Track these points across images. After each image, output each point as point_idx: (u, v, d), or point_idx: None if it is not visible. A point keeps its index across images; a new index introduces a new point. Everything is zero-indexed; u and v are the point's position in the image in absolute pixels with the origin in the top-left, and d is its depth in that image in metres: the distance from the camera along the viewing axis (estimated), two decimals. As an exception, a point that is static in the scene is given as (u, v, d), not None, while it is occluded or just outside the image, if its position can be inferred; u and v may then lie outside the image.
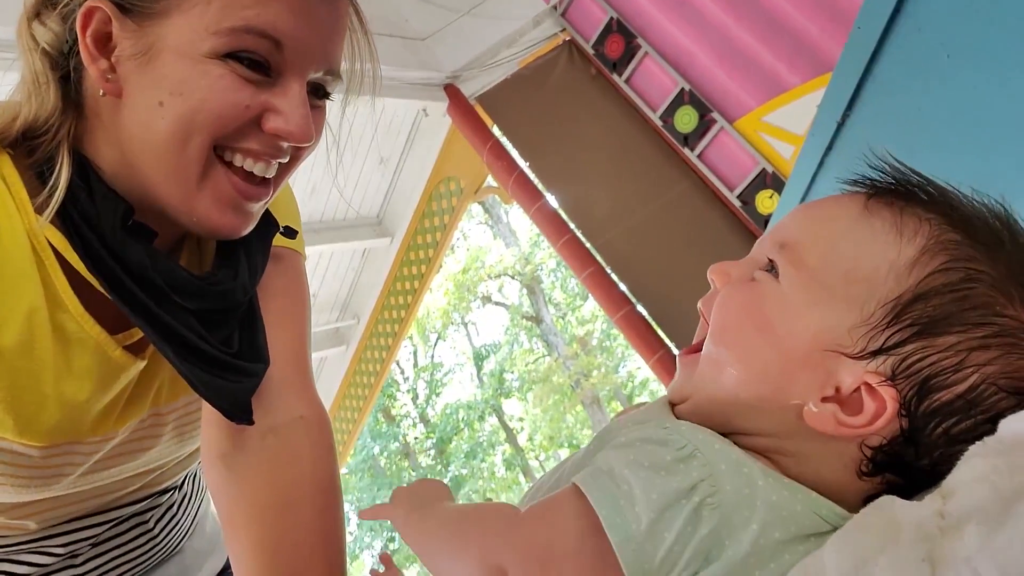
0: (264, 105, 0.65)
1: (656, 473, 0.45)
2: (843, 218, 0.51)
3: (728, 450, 0.47)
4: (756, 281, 0.53)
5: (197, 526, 1.02)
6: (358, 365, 4.61)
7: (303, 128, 0.66)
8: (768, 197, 2.73)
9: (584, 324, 13.69)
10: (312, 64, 0.66)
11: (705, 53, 2.80)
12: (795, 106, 2.60)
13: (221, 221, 0.68)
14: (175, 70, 0.62)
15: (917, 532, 0.37)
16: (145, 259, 0.66)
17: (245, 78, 0.63)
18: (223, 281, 0.72)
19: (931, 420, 0.46)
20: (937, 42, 0.82)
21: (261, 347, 0.75)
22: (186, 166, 0.65)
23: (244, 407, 0.71)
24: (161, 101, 0.63)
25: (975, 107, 0.79)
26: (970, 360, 0.45)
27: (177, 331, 0.67)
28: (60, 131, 0.66)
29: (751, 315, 0.51)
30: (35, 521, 0.80)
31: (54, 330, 0.66)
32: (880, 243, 0.48)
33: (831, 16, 2.45)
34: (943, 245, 0.47)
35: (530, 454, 14.41)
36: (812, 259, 0.50)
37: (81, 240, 0.65)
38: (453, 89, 3.40)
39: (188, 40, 0.62)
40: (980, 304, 0.45)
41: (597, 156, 3.16)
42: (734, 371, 0.51)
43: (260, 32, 0.62)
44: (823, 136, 1.06)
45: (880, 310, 0.47)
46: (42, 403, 0.67)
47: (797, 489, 0.46)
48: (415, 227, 3.97)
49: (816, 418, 0.47)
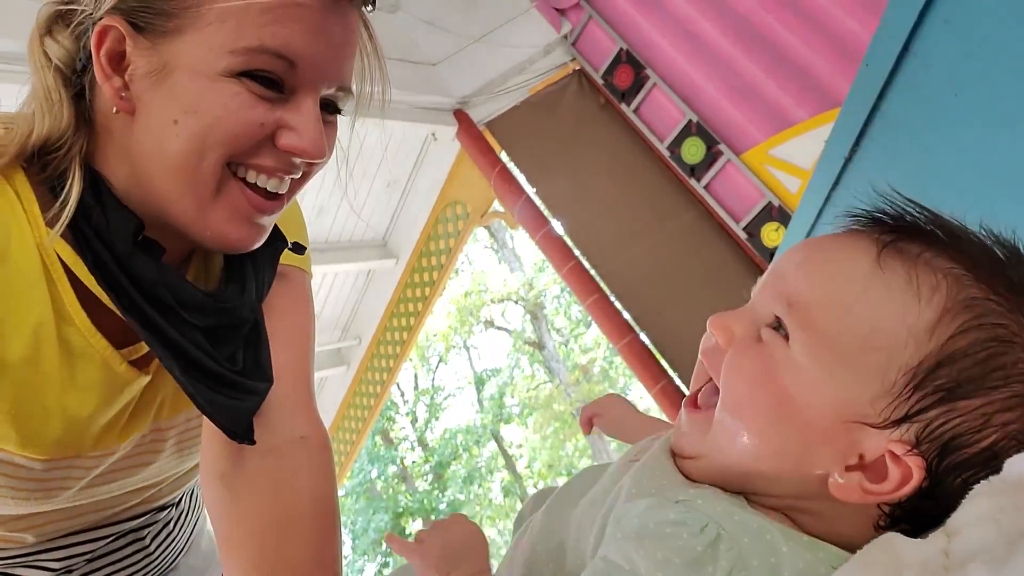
0: (278, 122, 0.65)
1: (689, 571, 0.43)
2: (855, 276, 0.47)
3: (748, 519, 0.45)
4: (765, 343, 0.50)
5: (193, 543, 1.01)
6: (358, 386, 4.60)
7: (317, 144, 0.66)
8: (774, 230, 2.74)
9: (587, 352, 13.65)
10: (325, 81, 0.67)
11: (713, 85, 2.83)
12: (802, 140, 2.62)
13: (236, 235, 0.68)
14: (189, 88, 0.63)
15: (922, 570, 0.37)
16: (155, 274, 0.66)
17: (259, 96, 0.63)
18: (231, 298, 0.72)
19: (951, 475, 0.45)
20: (945, 80, 0.82)
21: (265, 365, 0.75)
22: (201, 183, 0.65)
23: (246, 426, 0.70)
24: (176, 119, 0.63)
25: (982, 145, 0.79)
26: (993, 421, 0.44)
27: (183, 347, 0.68)
28: (73, 148, 0.66)
29: (766, 386, 0.48)
30: (33, 534, 0.79)
31: (60, 344, 0.66)
32: (897, 305, 0.45)
33: (839, 52, 2.47)
34: (963, 304, 0.45)
35: (528, 481, 14.29)
36: (825, 324, 0.47)
37: (92, 254, 0.65)
38: (462, 114, 3.43)
39: (202, 59, 0.62)
40: (1006, 363, 0.44)
41: (604, 184, 3.17)
42: (751, 444, 0.48)
43: (275, 52, 0.62)
44: (830, 171, 1.07)
45: (902, 379, 0.45)
46: (46, 417, 0.67)
47: (819, 548, 0.45)
48: (420, 250, 3.99)
49: (842, 489, 0.46)
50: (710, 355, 0.54)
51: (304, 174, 0.72)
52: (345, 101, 0.72)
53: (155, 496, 0.90)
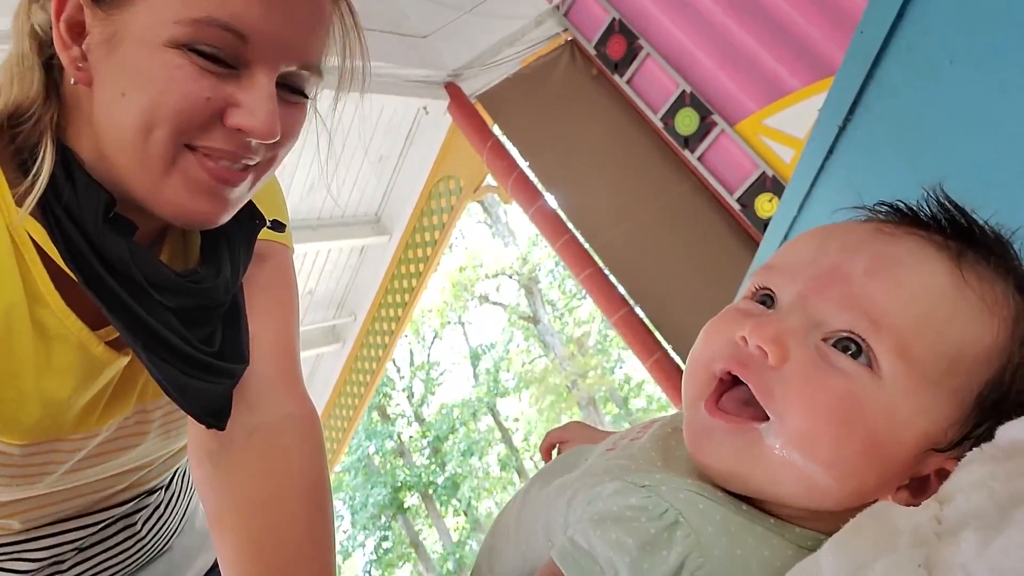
0: (227, 99, 0.62)
1: (642, 552, 0.42)
2: (939, 291, 0.43)
3: (712, 509, 0.44)
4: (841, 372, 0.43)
5: (186, 523, 1.01)
6: (354, 363, 4.61)
7: (267, 124, 0.62)
8: (767, 201, 2.73)
9: (581, 325, 13.70)
10: (283, 58, 0.63)
11: (707, 55, 2.80)
12: (796, 110, 2.60)
13: (194, 207, 0.65)
14: (135, 59, 0.60)
15: (914, 537, 0.37)
16: (125, 253, 0.64)
17: (205, 69, 0.60)
18: (204, 278, 0.70)
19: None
20: (940, 47, 0.81)
21: (243, 347, 0.73)
22: (151, 158, 0.62)
23: (217, 410, 0.69)
24: (123, 92, 0.61)
25: (977, 113, 0.79)
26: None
27: (154, 328, 0.66)
28: (43, 119, 0.64)
29: (852, 424, 0.42)
30: (19, 520, 0.79)
31: (34, 326, 0.64)
32: (977, 322, 0.43)
33: (834, 20, 2.45)
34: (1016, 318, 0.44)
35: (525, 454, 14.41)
36: (921, 351, 0.43)
37: (61, 232, 0.63)
38: (454, 87, 3.40)
39: (149, 28, 0.59)
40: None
41: (597, 157, 3.16)
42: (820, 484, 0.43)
43: (223, 24, 0.59)
44: (824, 140, 1.06)
45: (974, 399, 0.43)
46: (22, 401, 0.65)
47: (785, 529, 0.45)
48: (414, 225, 3.97)
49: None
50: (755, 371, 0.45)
51: (270, 157, 0.68)
52: (312, 82, 0.68)
53: (144, 479, 0.89)
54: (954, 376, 0.43)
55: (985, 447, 0.42)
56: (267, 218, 0.79)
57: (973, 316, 0.43)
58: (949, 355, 0.43)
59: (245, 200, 0.71)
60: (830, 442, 0.42)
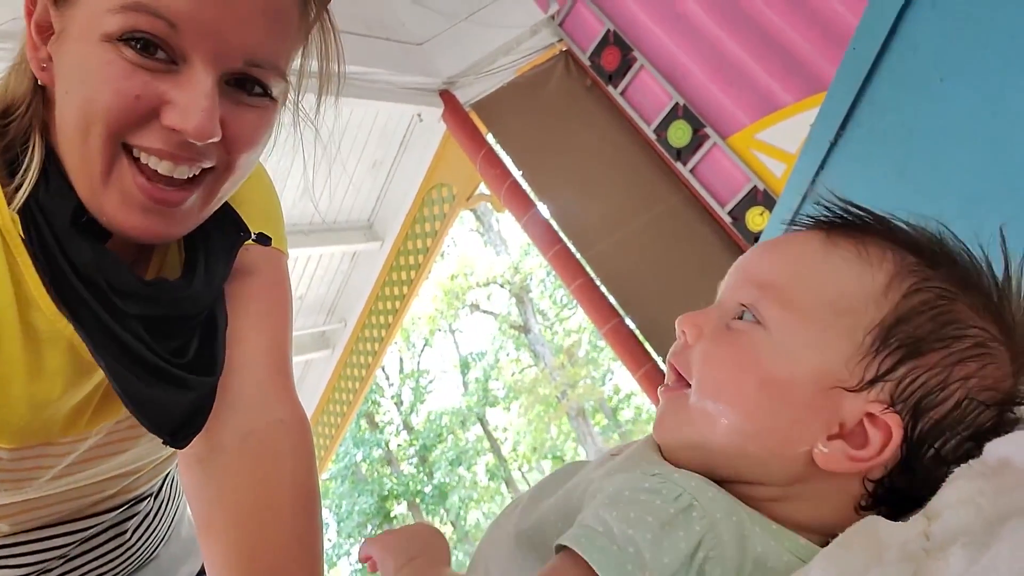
0: (161, 96, 0.58)
1: (661, 530, 0.43)
2: (813, 252, 0.51)
3: (720, 497, 0.46)
4: (736, 331, 0.52)
5: (173, 531, 1.00)
6: (343, 370, 4.59)
7: (200, 125, 0.58)
8: (759, 214, 2.75)
9: (571, 335, 13.70)
10: (223, 52, 0.59)
11: (700, 68, 2.82)
12: (788, 124, 2.62)
13: (129, 222, 0.62)
14: (74, 55, 0.59)
15: (902, 552, 0.37)
16: (90, 258, 0.62)
17: (137, 64, 0.57)
18: (174, 288, 0.68)
19: (924, 442, 0.46)
20: (931, 64, 0.82)
21: (217, 360, 0.71)
22: (90, 161, 0.60)
23: (176, 426, 0.67)
24: (67, 90, 0.59)
25: (967, 129, 0.79)
26: (953, 375, 0.46)
27: (118, 335, 0.64)
28: (28, 115, 0.63)
29: (747, 368, 0.50)
30: (7, 524, 0.78)
31: (24, 329, 0.64)
32: (853, 271, 0.49)
33: (826, 36, 2.47)
34: (909, 268, 0.49)
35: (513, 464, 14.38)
36: (799, 296, 0.50)
37: (37, 233, 0.62)
38: (448, 95, 3.40)
39: (87, 22, 0.58)
40: (954, 319, 0.47)
41: (590, 167, 3.17)
42: (735, 426, 0.49)
43: (150, 10, 0.56)
44: (816, 155, 1.07)
45: (868, 336, 0.47)
46: (11, 404, 0.64)
47: (783, 536, 0.46)
48: (406, 232, 3.97)
49: (828, 459, 0.47)
50: (679, 354, 0.54)
51: (226, 165, 0.65)
52: (271, 81, 0.64)
53: (133, 485, 0.88)
54: (839, 316, 0.48)
55: (973, 463, 0.42)
56: (256, 227, 0.77)
57: (848, 266, 0.50)
58: (828, 298, 0.49)
59: (205, 212, 0.68)
60: (730, 384, 0.50)
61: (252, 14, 0.60)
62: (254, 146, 0.66)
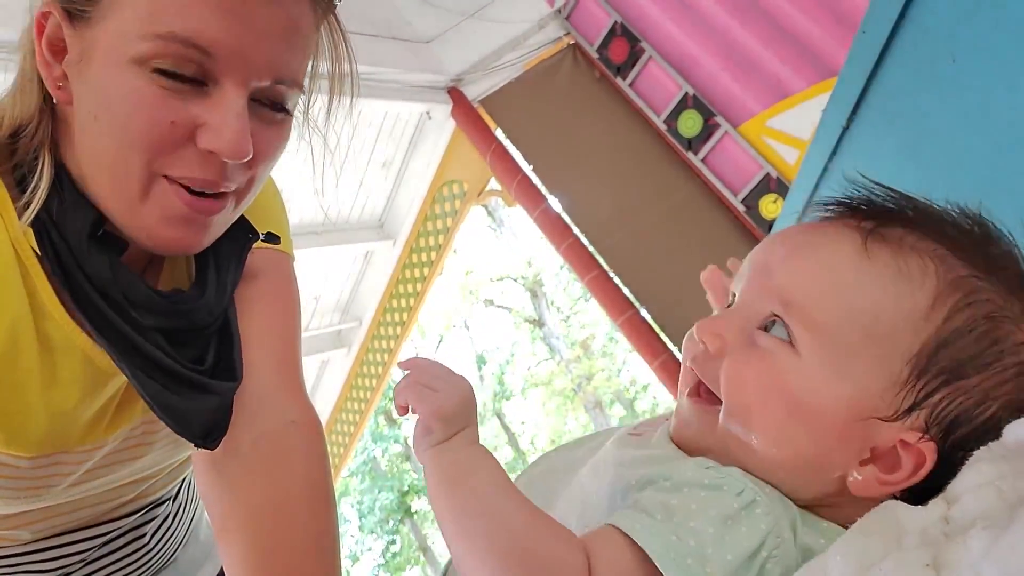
0: (195, 119, 0.59)
1: (725, 525, 0.42)
2: (846, 267, 0.47)
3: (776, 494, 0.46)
4: (764, 350, 0.48)
5: (191, 535, 1.00)
6: (360, 368, 4.61)
7: (235, 144, 0.60)
8: (772, 202, 2.73)
9: (586, 328, 13.67)
10: (253, 73, 0.60)
11: (709, 57, 2.80)
12: (799, 110, 2.60)
13: (170, 236, 0.64)
14: (102, 79, 0.59)
15: (922, 537, 0.37)
16: (107, 271, 0.63)
17: (170, 90, 0.58)
18: (187, 300, 0.69)
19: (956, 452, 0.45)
20: (943, 47, 0.81)
21: (235, 364, 0.72)
22: (127, 184, 0.61)
23: (205, 430, 0.68)
24: (95, 115, 0.60)
25: (981, 111, 0.78)
26: (991, 395, 0.45)
27: (140, 346, 0.65)
28: (39, 133, 0.64)
29: (776, 395, 0.47)
30: (28, 532, 0.79)
31: (39, 339, 0.64)
32: (891, 292, 0.46)
33: (836, 20, 2.45)
34: (953, 285, 0.45)
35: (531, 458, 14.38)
36: (827, 320, 0.47)
37: (53, 248, 0.62)
38: (457, 92, 3.40)
39: (114, 45, 0.58)
40: (1000, 337, 0.45)
41: (600, 160, 3.16)
42: (766, 452, 0.47)
43: (185, 40, 0.57)
44: (828, 140, 1.06)
45: (906, 367, 0.45)
46: (29, 413, 0.65)
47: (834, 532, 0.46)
48: (418, 230, 3.97)
49: (861, 486, 0.46)
50: (702, 363, 0.52)
51: (250, 178, 0.66)
52: (291, 97, 0.66)
53: (151, 490, 0.89)
54: (874, 342, 0.45)
55: (993, 446, 0.42)
56: (262, 230, 0.78)
57: (885, 284, 0.46)
58: (861, 322, 0.46)
59: (227, 224, 0.70)
60: (758, 411, 0.47)
61: (278, 33, 0.61)
62: (273, 159, 0.68)
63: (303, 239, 3.53)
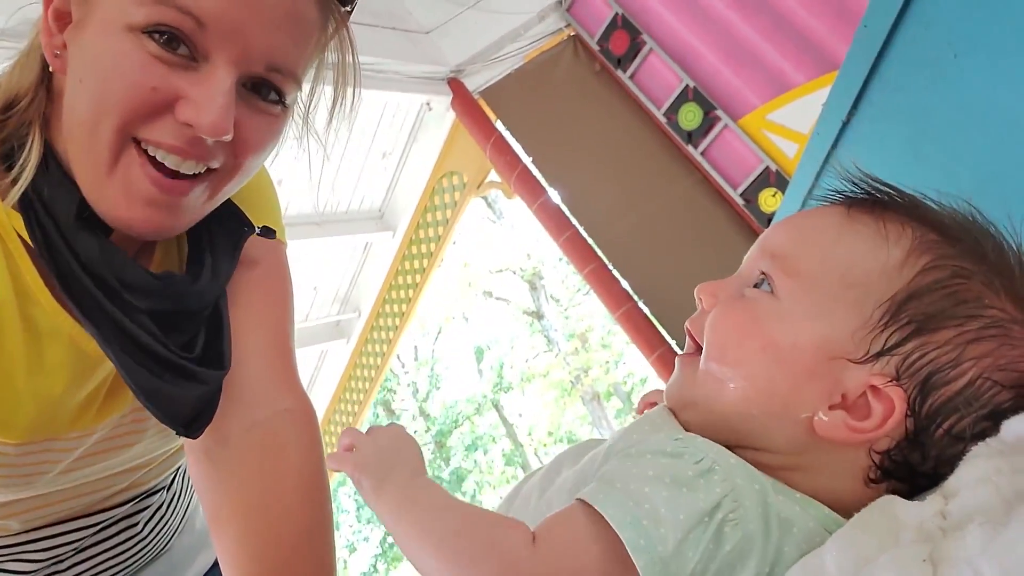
0: (177, 90, 0.58)
1: (679, 490, 0.44)
2: (829, 226, 0.52)
3: (741, 464, 0.47)
4: (748, 299, 0.53)
5: (187, 523, 1.00)
6: (359, 358, 4.61)
7: (215, 122, 0.58)
8: (771, 195, 2.73)
9: (584, 320, 13.68)
10: (246, 54, 0.59)
11: (710, 50, 2.79)
12: (800, 104, 2.59)
13: (131, 214, 0.62)
14: (93, 44, 0.58)
15: (919, 532, 0.37)
16: (97, 252, 0.62)
17: (158, 57, 0.57)
18: (179, 283, 0.68)
19: (935, 419, 0.46)
20: (944, 41, 0.81)
21: (224, 353, 0.71)
22: (96, 152, 0.59)
23: (189, 418, 0.67)
24: (81, 79, 0.59)
25: (982, 106, 0.78)
26: (967, 354, 0.46)
27: (127, 329, 0.64)
28: (31, 108, 0.63)
29: (751, 333, 0.51)
30: (18, 521, 0.78)
31: (24, 324, 0.63)
32: (868, 247, 0.49)
33: (837, 14, 2.44)
34: (927, 245, 0.48)
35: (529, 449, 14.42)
36: (807, 267, 0.51)
37: (40, 228, 0.61)
38: (457, 83, 3.39)
39: (112, 12, 0.57)
40: (970, 298, 0.47)
41: (600, 152, 3.15)
42: (739, 389, 0.50)
43: (180, 6, 0.56)
44: (828, 134, 1.06)
45: (877, 311, 0.47)
46: (15, 399, 0.64)
47: (809, 504, 0.46)
48: (417, 221, 3.97)
49: (826, 427, 0.47)
50: (695, 320, 0.56)
51: (232, 167, 0.65)
52: (287, 88, 0.64)
53: (144, 479, 0.88)
54: (846, 288, 0.49)
55: (991, 441, 0.42)
56: (256, 221, 0.77)
57: (864, 240, 0.50)
58: (837, 269, 0.50)
59: (205, 210, 0.68)
60: (733, 348, 0.51)
61: (278, 19, 0.60)
62: (261, 150, 0.66)
63: (303, 229, 3.52)
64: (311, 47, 0.65)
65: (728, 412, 0.51)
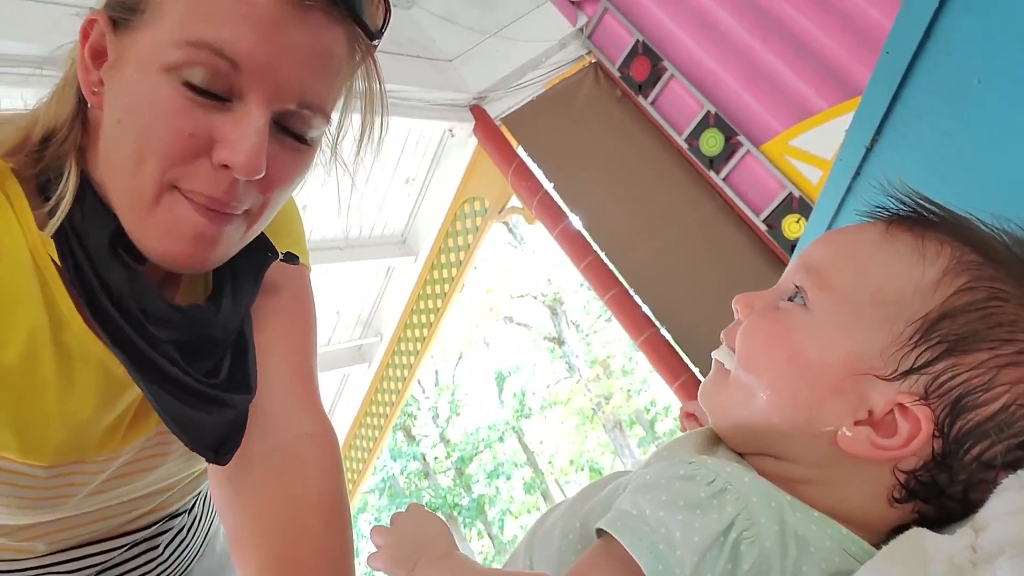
0: (213, 133, 0.60)
1: (692, 512, 0.44)
2: (866, 242, 0.52)
3: (757, 482, 0.47)
4: (781, 311, 0.54)
5: (207, 547, 1.00)
6: (380, 383, 4.62)
7: (250, 161, 0.59)
8: (795, 222, 2.71)
9: (606, 346, 13.61)
10: (279, 93, 0.60)
11: (731, 76, 2.80)
12: (822, 130, 2.59)
13: (173, 250, 0.63)
14: (130, 84, 0.60)
15: (949, 565, 0.36)
16: (123, 283, 0.63)
17: (194, 102, 0.58)
18: (203, 314, 0.69)
19: (964, 442, 0.45)
20: (967, 67, 0.81)
21: (250, 378, 0.72)
22: (139, 191, 0.61)
23: (217, 444, 0.68)
24: (119, 118, 0.60)
25: (1005, 132, 0.78)
26: (1000, 379, 0.45)
27: (153, 359, 0.65)
28: (68, 141, 0.65)
29: (780, 344, 0.51)
30: (43, 543, 0.79)
31: (56, 348, 0.65)
32: (904, 264, 0.49)
33: (859, 40, 2.44)
34: (964, 266, 0.48)
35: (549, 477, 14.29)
36: (840, 282, 0.51)
37: (72, 257, 0.63)
38: (479, 110, 3.43)
39: (148, 52, 0.59)
40: (1006, 321, 0.46)
41: (622, 178, 3.16)
42: (765, 398, 0.51)
43: (215, 49, 0.57)
44: (851, 161, 1.05)
45: (909, 328, 0.47)
46: (46, 422, 0.65)
47: (826, 523, 0.46)
48: (439, 246, 3.99)
49: (850, 442, 0.47)
50: (730, 332, 0.57)
51: (263, 202, 0.66)
52: (315, 125, 0.65)
53: (167, 502, 0.89)
54: (880, 305, 0.48)
55: (1021, 474, 0.41)
56: (280, 247, 0.78)
57: (899, 259, 0.50)
58: (871, 286, 0.49)
59: (236, 247, 0.69)
60: (762, 357, 0.52)
61: (308, 57, 0.61)
62: (289, 185, 0.68)
63: (326, 254, 3.56)
64: (340, 81, 0.67)
65: (754, 421, 0.51)
